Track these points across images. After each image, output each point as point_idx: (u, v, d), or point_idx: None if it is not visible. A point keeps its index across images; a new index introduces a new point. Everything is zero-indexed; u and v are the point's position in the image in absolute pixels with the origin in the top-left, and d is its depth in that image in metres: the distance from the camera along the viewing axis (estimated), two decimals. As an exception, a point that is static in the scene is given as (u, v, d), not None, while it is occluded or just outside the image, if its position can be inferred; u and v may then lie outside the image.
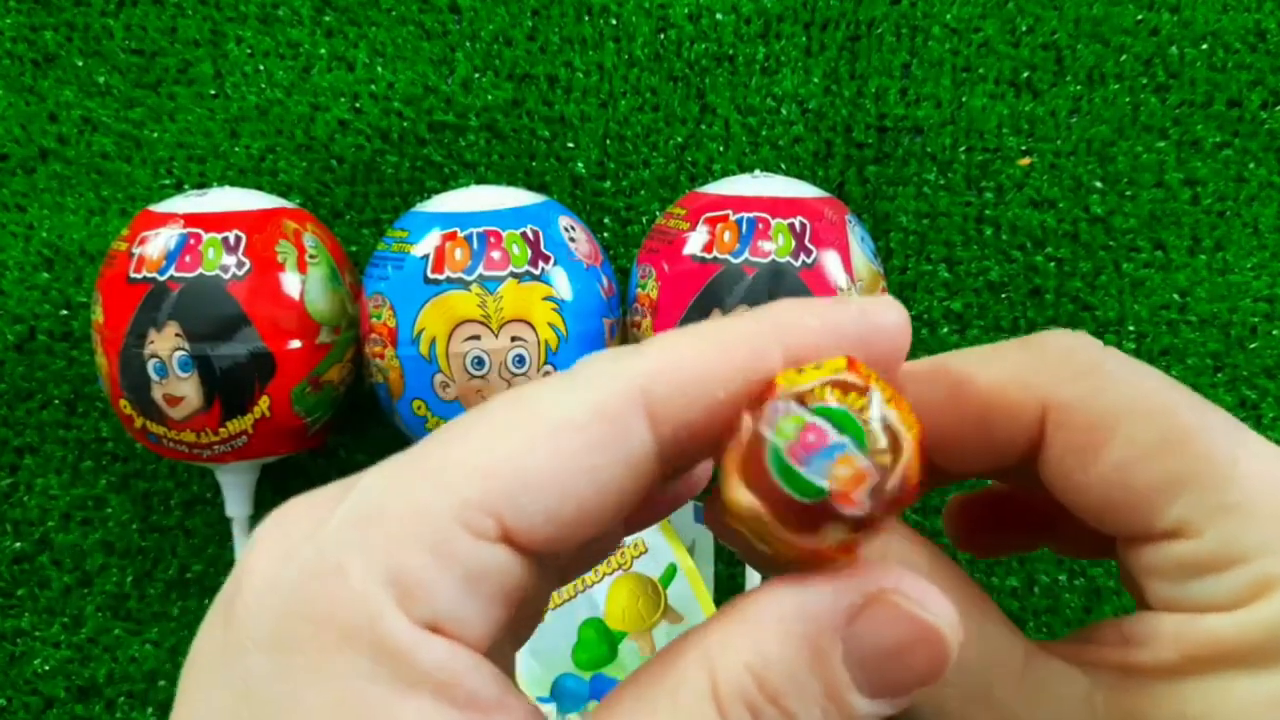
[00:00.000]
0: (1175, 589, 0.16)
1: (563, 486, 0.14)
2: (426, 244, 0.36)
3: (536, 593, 0.18)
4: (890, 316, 0.16)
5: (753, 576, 0.40)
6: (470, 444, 0.15)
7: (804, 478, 0.14)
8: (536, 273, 0.36)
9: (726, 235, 0.36)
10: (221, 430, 0.37)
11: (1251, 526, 0.15)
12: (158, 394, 0.36)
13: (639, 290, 0.38)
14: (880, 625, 0.14)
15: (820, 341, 0.16)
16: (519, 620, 0.19)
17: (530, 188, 0.40)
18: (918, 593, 0.14)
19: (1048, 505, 0.18)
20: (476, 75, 0.45)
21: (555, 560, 0.16)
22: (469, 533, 0.14)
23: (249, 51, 0.45)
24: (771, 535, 0.14)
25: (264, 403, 0.37)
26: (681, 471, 0.18)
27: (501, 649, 0.17)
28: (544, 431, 0.14)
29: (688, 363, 0.15)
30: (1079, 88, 0.44)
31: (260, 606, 0.14)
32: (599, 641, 0.41)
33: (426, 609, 0.14)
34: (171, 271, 0.36)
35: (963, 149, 0.44)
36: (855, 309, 0.16)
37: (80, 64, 0.46)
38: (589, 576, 0.42)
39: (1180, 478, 0.16)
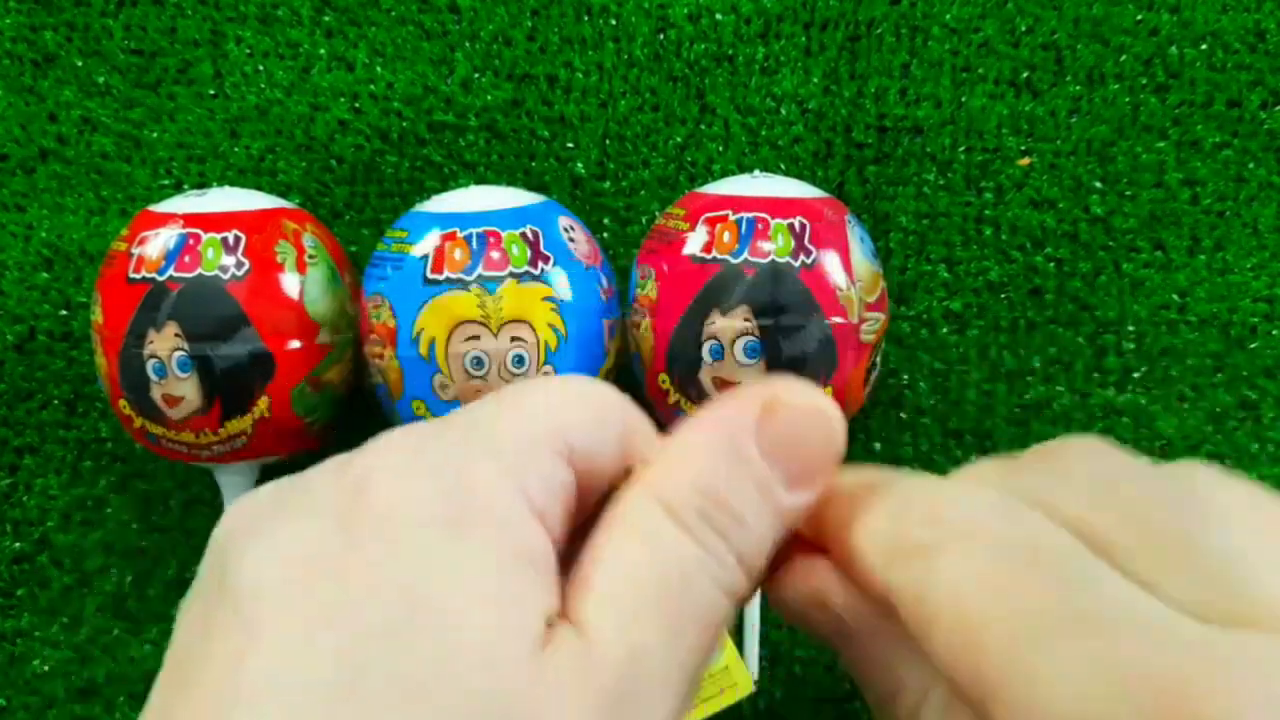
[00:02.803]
0: None
1: (594, 429, 0.19)
2: (426, 244, 0.36)
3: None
4: None
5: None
6: (531, 399, 0.19)
7: None
8: (536, 273, 0.36)
9: (726, 235, 0.36)
10: (221, 430, 0.37)
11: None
12: (157, 394, 0.36)
13: (638, 291, 0.38)
14: (780, 420, 0.18)
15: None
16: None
17: (530, 188, 0.40)
18: (798, 389, 0.18)
19: None
20: (476, 75, 0.45)
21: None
22: (555, 452, 0.18)
23: (249, 51, 0.45)
24: None
25: (263, 403, 0.37)
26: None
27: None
28: (573, 396, 0.19)
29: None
30: (1079, 88, 0.44)
31: (405, 492, 0.17)
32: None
33: (536, 504, 0.17)
34: (171, 272, 0.36)
35: (963, 149, 0.44)
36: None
37: (80, 64, 0.46)
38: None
39: None
